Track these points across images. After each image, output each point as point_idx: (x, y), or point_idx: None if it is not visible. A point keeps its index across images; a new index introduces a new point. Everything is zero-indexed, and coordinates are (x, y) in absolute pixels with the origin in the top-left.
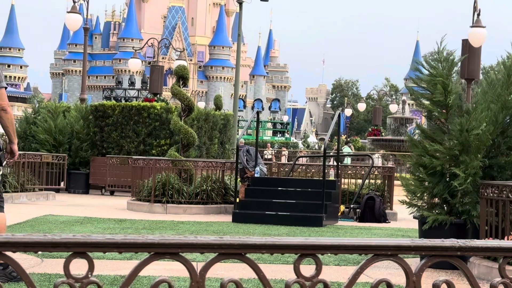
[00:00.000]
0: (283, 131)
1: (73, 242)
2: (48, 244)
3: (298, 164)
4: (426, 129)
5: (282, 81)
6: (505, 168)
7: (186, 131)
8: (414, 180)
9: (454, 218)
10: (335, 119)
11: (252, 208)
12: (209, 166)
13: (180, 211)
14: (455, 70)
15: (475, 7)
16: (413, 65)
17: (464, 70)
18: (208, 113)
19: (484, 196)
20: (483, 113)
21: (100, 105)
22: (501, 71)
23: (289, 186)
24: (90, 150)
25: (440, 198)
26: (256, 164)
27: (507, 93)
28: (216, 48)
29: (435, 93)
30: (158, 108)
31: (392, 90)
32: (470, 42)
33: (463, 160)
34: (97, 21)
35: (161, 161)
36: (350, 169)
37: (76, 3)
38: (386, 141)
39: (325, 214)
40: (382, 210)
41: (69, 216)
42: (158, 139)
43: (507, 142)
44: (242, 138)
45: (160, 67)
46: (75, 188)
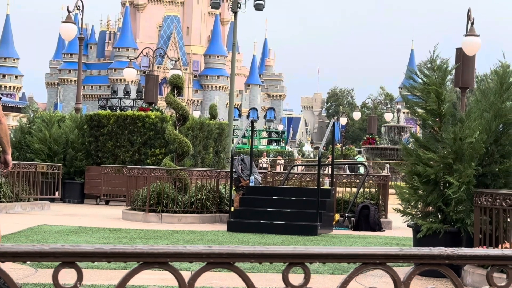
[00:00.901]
0: (278, 140)
1: (62, 252)
2: (37, 254)
3: (292, 173)
4: (420, 137)
5: (277, 90)
6: (499, 176)
7: (180, 140)
8: (408, 188)
9: (448, 227)
10: (330, 128)
11: (247, 217)
12: (204, 175)
13: (175, 220)
14: (449, 79)
15: (469, 16)
16: (407, 73)
17: (458, 79)
18: (203, 122)
19: (478, 204)
20: (476, 121)
21: (95, 114)
22: (494, 80)
23: (284, 195)
24: (85, 159)
25: (434, 207)
26: (250, 173)
27: (500, 101)
28: (211, 57)
29: (428, 101)
30: (153, 117)
31: (387, 98)
32: (464, 50)
33: (457, 168)
34: (92, 31)
35: (156, 170)
36: (344, 178)
37: (71, 13)
38: (381, 149)
39: (320, 223)
40: (377, 218)
41: (64, 226)
42: (153, 148)
43: (500, 150)
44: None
45: (155, 77)
46: (70, 198)
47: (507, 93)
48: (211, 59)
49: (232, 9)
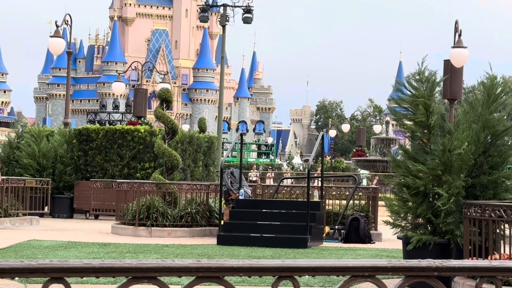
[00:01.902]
0: (268, 152)
1: (50, 267)
2: (25, 270)
3: (282, 186)
4: (409, 149)
5: (266, 103)
6: (488, 187)
7: (170, 154)
8: (397, 200)
9: (438, 238)
10: (319, 140)
11: (237, 231)
12: (194, 189)
13: (164, 234)
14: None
15: (456, 28)
16: (396, 86)
17: (446, 90)
18: (192, 135)
19: (467, 215)
20: (464, 133)
21: (84, 129)
22: (481, 91)
23: (273, 208)
24: (74, 174)
25: (423, 218)
26: (240, 186)
27: (488, 112)
28: (200, 71)
29: (417, 113)
30: (142, 131)
31: (376, 110)
32: (452, 62)
33: (446, 180)
34: (80, 45)
35: (146, 185)
36: (334, 190)
37: (59, 28)
38: (370, 161)
39: (310, 236)
40: (367, 230)
41: (53, 241)
42: (142, 162)
43: (489, 162)
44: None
45: (144, 90)
46: (59, 213)
47: (495, 105)
48: (200, 72)
49: (221, 22)
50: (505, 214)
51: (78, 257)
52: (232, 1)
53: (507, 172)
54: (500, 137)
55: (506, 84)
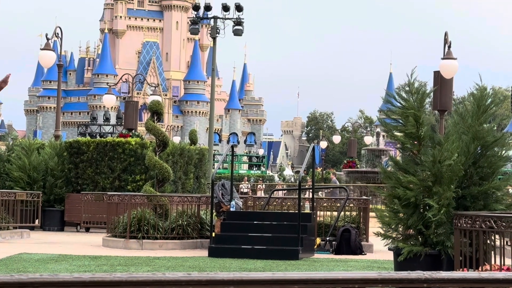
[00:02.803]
0: (259, 164)
1: (40, 282)
2: (15, 284)
3: (273, 198)
4: (399, 161)
5: (257, 115)
6: (478, 198)
7: (161, 166)
8: (388, 211)
9: (429, 249)
10: (309, 152)
11: (228, 242)
12: (185, 201)
13: (156, 246)
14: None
15: (446, 40)
16: (386, 98)
17: (436, 102)
18: (183, 147)
19: (458, 226)
20: (454, 144)
21: (74, 141)
22: (471, 102)
23: (265, 220)
24: (65, 186)
25: (414, 229)
26: (231, 198)
27: (477, 123)
28: (191, 83)
29: (407, 125)
30: (133, 143)
31: (366, 122)
32: (442, 73)
33: (436, 191)
34: (71, 58)
35: (137, 197)
36: (325, 202)
37: (49, 40)
38: (361, 173)
39: (301, 247)
40: (358, 242)
41: (44, 254)
42: (133, 174)
43: (479, 173)
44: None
45: (135, 103)
46: (50, 226)
47: (485, 116)
48: (191, 84)
49: (211, 34)
50: (496, 225)
51: (69, 270)
52: (222, 14)
53: (497, 183)
54: (490, 148)
55: (496, 95)
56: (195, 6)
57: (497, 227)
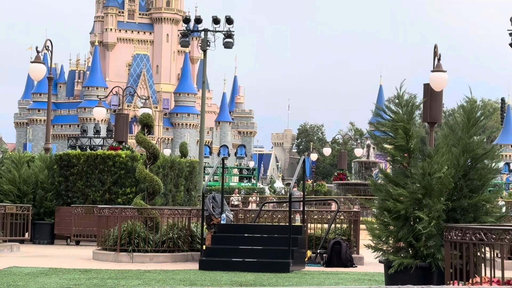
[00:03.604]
0: (250, 176)
1: None
2: None
3: (264, 210)
4: (389, 173)
5: (248, 127)
6: (468, 211)
7: (151, 179)
8: (379, 224)
9: (420, 262)
10: (300, 164)
11: (219, 255)
12: (175, 214)
13: (146, 259)
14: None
15: (436, 52)
16: (375, 111)
17: (426, 114)
18: (174, 160)
19: (448, 239)
20: (444, 156)
21: (64, 154)
22: (461, 115)
23: (255, 232)
24: (55, 199)
25: (405, 242)
26: (222, 210)
27: (467, 136)
28: (181, 95)
29: (396, 137)
30: (123, 156)
31: (357, 134)
32: (432, 86)
33: (426, 203)
34: (61, 70)
35: (127, 210)
36: (316, 214)
37: (40, 53)
38: (351, 185)
39: (292, 260)
40: (349, 254)
41: (34, 267)
42: (123, 187)
43: (469, 185)
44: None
45: (125, 115)
46: (40, 239)
47: (475, 128)
48: (181, 97)
49: (202, 47)
50: (486, 237)
51: (59, 284)
52: (213, 26)
53: (487, 196)
54: (480, 160)
55: (485, 107)
56: (185, 19)
57: (487, 239)
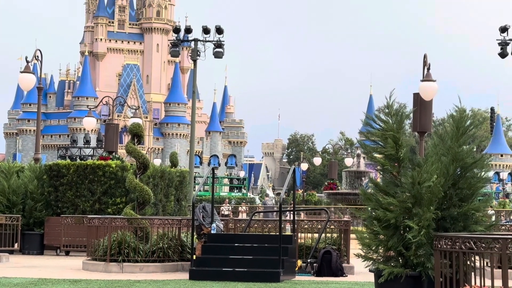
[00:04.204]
0: (240, 186)
1: None
2: None
3: (254, 220)
4: (379, 182)
5: (238, 137)
6: (458, 220)
7: (141, 189)
8: (368, 233)
9: (410, 271)
10: (290, 174)
11: (209, 265)
12: (165, 224)
13: (136, 269)
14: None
15: (425, 62)
16: (365, 120)
17: (416, 123)
18: (164, 170)
19: (438, 248)
20: (434, 165)
21: (54, 164)
22: (450, 124)
23: (246, 242)
24: (44, 210)
25: (395, 251)
26: (212, 220)
27: (457, 145)
28: (172, 105)
29: (386, 147)
30: (113, 166)
31: (347, 144)
32: (421, 95)
33: (416, 212)
34: (51, 80)
35: (117, 220)
36: (306, 224)
37: (29, 63)
38: (342, 194)
39: (282, 270)
40: (339, 264)
41: (23, 278)
42: (113, 197)
43: (458, 194)
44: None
45: (115, 125)
46: (30, 249)
47: (464, 137)
48: (172, 107)
49: (192, 57)
50: (475, 246)
51: None
52: (203, 36)
53: (476, 205)
54: (469, 169)
55: (475, 117)
56: (175, 29)
57: (477, 248)
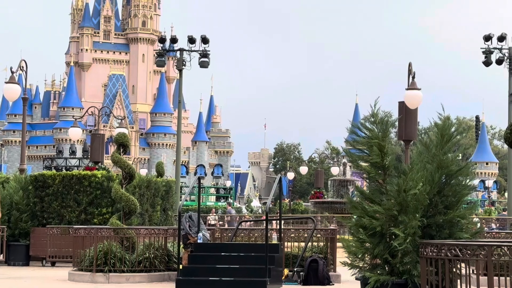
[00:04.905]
0: (226, 196)
1: None
2: None
3: (241, 229)
4: (365, 190)
5: (225, 146)
6: (443, 227)
7: (127, 199)
8: (355, 241)
9: (396, 278)
10: (276, 183)
11: (195, 275)
12: (152, 233)
13: (123, 280)
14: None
15: (410, 70)
16: (351, 128)
17: (401, 132)
18: (150, 180)
19: (424, 255)
20: (419, 173)
21: (39, 175)
22: (435, 132)
23: (232, 251)
24: (30, 221)
25: (381, 259)
26: (198, 230)
27: (441, 153)
28: (158, 115)
29: (372, 155)
30: (99, 176)
31: (333, 152)
32: (406, 104)
33: (402, 220)
34: (36, 91)
35: (103, 230)
36: (292, 232)
37: (14, 74)
38: (328, 203)
39: (269, 278)
40: (326, 272)
41: None
42: (99, 207)
43: (444, 201)
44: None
45: (101, 136)
46: (15, 260)
47: (448, 145)
48: (158, 117)
49: (177, 67)
50: (461, 253)
51: None
52: (188, 46)
53: (462, 212)
54: (454, 177)
55: (460, 124)
56: (161, 39)
57: (463, 255)
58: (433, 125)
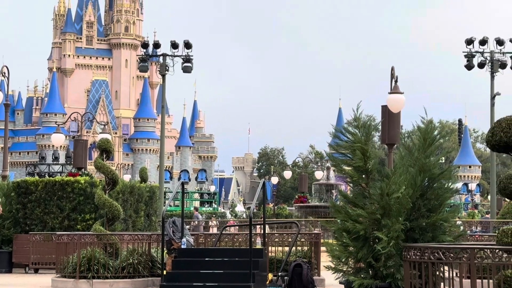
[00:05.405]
0: (211, 201)
1: None
2: None
3: (225, 234)
4: (348, 194)
5: (208, 152)
6: (426, 230)
7: (110, 205)
8: (338, 245)
9: (379, 282)
10: (260, 187)
11: (179, 280)
12: (135, 239)
13: (106, 286)
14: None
15: (393, 74)
16: (334, 133)
17: (385, 136)
18: (133, 185)
19: (407, 258)
20: (402, 176)
21: (22, 181)
22: (417, 136)
23: (216, 256)
24: (12, 227)
25: (364, 263)
26: (182, 235)
27: (424, 156)
28: (141, 121)
29: (354, 158)
30: (82, 182)
31: (317, 157)
32: (389, 108)
33: (385, 223)
34: (19, 97)
35: (86, 236)
36: (277, 237)
37: None
38: (312, 207)
39: (253, 283)
40: (310, 276)
41: None
42: (83, 213)
43: (426, 205)
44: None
45: (84, 141)
46: None
47: (431, 148)
48: (141, 122)
49: (160, 72)
50: (444, 256)
51: None
52: (171, 51)
53: (444, 215)
54: (436, 180)
55: (443, 127)
56: (144, 44)
57: (446, 258)
58: (417, 129)
